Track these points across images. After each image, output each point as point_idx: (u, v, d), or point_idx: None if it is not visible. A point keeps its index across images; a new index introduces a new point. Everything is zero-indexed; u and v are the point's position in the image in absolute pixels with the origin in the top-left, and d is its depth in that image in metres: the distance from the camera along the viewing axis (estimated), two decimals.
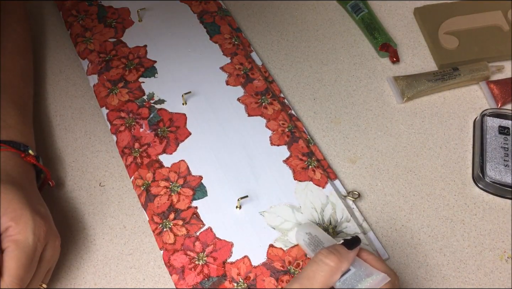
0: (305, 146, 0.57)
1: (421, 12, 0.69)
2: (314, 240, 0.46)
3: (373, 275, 0.40)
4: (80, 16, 0.67)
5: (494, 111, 0.60)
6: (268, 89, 0.61)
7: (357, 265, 0.41)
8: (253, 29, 0.69)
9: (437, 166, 0.58)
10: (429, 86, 0.62)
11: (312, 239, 0.47)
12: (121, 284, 0.51)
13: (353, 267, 0.41)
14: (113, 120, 0.58)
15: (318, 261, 0.40)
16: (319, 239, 0.46)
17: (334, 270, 0.39)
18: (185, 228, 0.52)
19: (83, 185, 0.57)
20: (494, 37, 0.66)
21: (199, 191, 0.54)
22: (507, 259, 0.52)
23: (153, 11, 0.68)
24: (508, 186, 0.55)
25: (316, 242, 0.46)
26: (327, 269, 0.39)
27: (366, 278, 0.40)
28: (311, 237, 0.47)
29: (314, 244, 0.46)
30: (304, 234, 0.48)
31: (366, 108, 0.62)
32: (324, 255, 0.40)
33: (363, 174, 0.57)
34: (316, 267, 0.40)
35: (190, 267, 0.49)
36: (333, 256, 0.40)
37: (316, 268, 0.40)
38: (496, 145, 0.57)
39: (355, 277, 0.40)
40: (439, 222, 0.54)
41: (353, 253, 0.41)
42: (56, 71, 0.65)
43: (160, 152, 0.56)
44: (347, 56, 0.67)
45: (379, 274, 0.40)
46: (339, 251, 0.40)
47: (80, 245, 0.53)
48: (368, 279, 0.40)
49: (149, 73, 0.62)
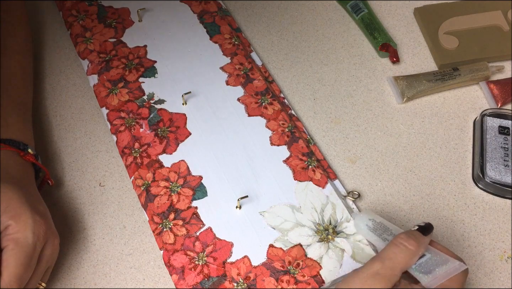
0: (305, 146, 0.57)
1: (421, 12, 0.69)
2: (380, 226, 0.48)
3: (449, 262, 0.42)
4: (80, 16, 0.67)
5: (494, 111, 0.60)
6: (268, 89, 0.61)
7: (432, 252, 0.43)
8: (253, 29, 0.69)
9: (437, 166, 0.58)
10: (429, 86, 0.62)
11: (377, 225, 0.48)
12: (121, 284, 0.51)
13: (428, 252, 0.43)
14: (113, 120, 0.58)
15: (398, 244, 0.42)
16: (385, 225, 0.48)
17: (413, 253, 0.42)
18: (185, 228, 0.52)
19: (83, 185, 0.57)
20: (494, 37, 0.66)
21: (199, 191, 0.54)
22: (507, 259, 0.52)
23: (153, 11, 0.68)
24: (508, 186, 0.55)
25: (382, 227, 0.47)
26: (407, 252, 0.41)
27: (442, 265, 0.41)
28: (376, 223, 0.48)
29: (381, 229, 0.47)
30: (367, 220, 0.49)
31: (366, 108, 0.62)
32: (404, 239, 0.42)
33: (363, 174, 0.57)
34: (397, 249, 0.42)
35: (190, 267, 0.49)
36: (412, 240, 0.42)
37: (397, 250, 0.42)
38: (496, 145, 0.57)
39: (431, 262, 0.42)
40: (439, 222, 0.54)
41: (427, 239, 0.43)
42: (56, 71, 0.65)
43: (160, 152, 0.56)
44: (347, 56, 0.67)
45: (455, 261, 0.42)
46: (416, 236, 0.43)
47: (80, 245, 0.53)
48: (445, 266, 0.41)
49: (149, 73, 0.62)
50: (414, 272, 0.42)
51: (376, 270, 0.40)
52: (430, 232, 0.44)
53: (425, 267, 0.41)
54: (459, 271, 0.41)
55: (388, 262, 0.41)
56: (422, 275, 0.41)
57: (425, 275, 0.41)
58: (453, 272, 0.41)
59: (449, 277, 0.41)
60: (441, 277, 0.41)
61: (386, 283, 0.40)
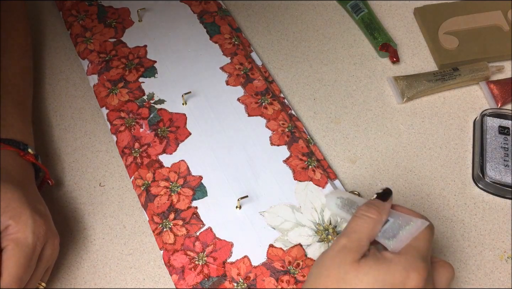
0: (305, 146, 0.57)
1: (421, 12, 0.69)
2: (347, 202, 0.48)
3: (411, 222, 0.42)
4: (80, 16, 0.67)
5: (494, 111, 0.60)
6: (268, 89, 0.61)
7: (394, 216, 0.43)
8: (253, 29, 0.69)
9: (437, 166, 0.58)
10: (429, 87, 0.62)
11: (344, 201, 0.48)
12: (121, 284, 0.51)
13: (391, 217, 0.43)
14: (113, 121, 0.58)
15: (360, 216, 0.42)
16: (352, 200, 0.48)
17: (375, 221, 0.42)
18: (185, 228, 0.52)
19: (83, 185, 0.57)
20: (494, 37, 0.66)
21: (199, 191, 0.54)
22: (507, 259, 0.52)
23: (153, 11, 0.68)
24: (508, 186, 0.55)
25: (349, 203, 0.48)
26: (370, 221, 0.42)
27: (405, 226, 0.41)
28: (343, 200, 0.48)
29: (348, 205, 0.48)
30: (336, 199, 0.49)
31: (366, 108, 0.62)
32: (364, 210, 0.43)
33: (363, 174, 0.57)
34: (360, 221, 0.42)
35: (190, 267, 0.49)
36: (372, 209, 0.42)
37: (360, 221, 0.42)
38: (496, 144, 0.57)
39: (395, 226, 0.42)
40: (439, 222, 0.54)
41: (388, 204, 0.43)
42: (56, 71, 0.65)
43: (160, 152, 0.56)
44: (347, 56, 0.67)
45: (417, 220, 0.42)
46: (376, 204, 0.43)
47: (80, 245, 0.53)
48: (408, 226, 0.41)
49: (149, 73, 0.62)
50: (380, 239, 0.42)
51: (343, 244, 0.41)
52: (388, 196, 0.44)
53: (390, 232, 0.42)
54: (421, 228, 0.41)
55: (354, 234, 0.41)
56: (387, 240, 0.41)
57: (390, 240, 0.41)
58: (417, 231, 0.41)
59: (413, 236, 0.41)
60: (405, 238, 0.41)
61: (355, 254, 0.40)
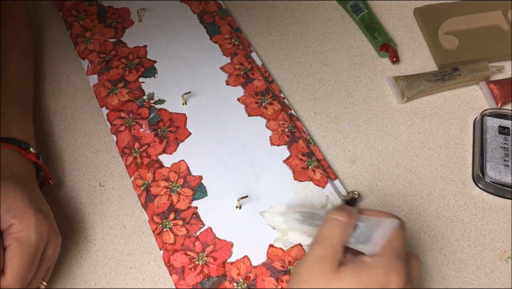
0: (305, 145, 0.57)
1: (421, 12, 0.69)
2: (309, 215, 0.46)
3: (381, 223, 0.41)
4: (80, 16, 0.67)
5: (494, 111, 0.60)
6: (268, 89, 0.61)
7: (363, 220, 0.42)
8: (253, 29, 0.69)
9: (437, 166, 0.58)
10: (429, 87, 0.62)
11: (305, 215, 0.47)
12: (121, 284, 0.51)
13: (360, 222, 0.41)
14: (113, 120, 0.58)
15: (330, 220, 0.41)
16: (313, 212, 0.46)
17: (346, 224, 0.41)
18: (185, 228, 0.52)
19: (83, 185, 0.57)
20: (494, 37, 0.66)
21: (199, 191, 0.54)
22: (507, 259, 0.52)
23: (153, 11, 0.68)
24: (508, 186, 0.55)
25: (311, 215, 0.46)
26: (341, 225, 0.40)
27: (376, 228, 0.40)
28: (304, 213, 0.47)
29: (310, 218, 0.46)
30: (294, 214, 0.48)
31: (366, 108, 0.62)
32: (334, 213, 0.41)
33: (363, 174, 0.57)
34: (330, 226, 0.41)
35: (190, 267, 0.49)
36: (342, 212, 0.41)
37: (330, 226, 0.41)
38: (496, 144, 0.57)
39: (366, 230, 0.41)
40: (439, 222, 0.54)
41: (355, 209, 0.42)
42: (56, 71, 0.65)
43: (160, 152, 0.56)
44: (347, 56, 0.67)
45: (386, 219, 0.41)
46: (344, 208, 0.42)
47: (80, 245, 0.53)
48: (379, 228, 0.40)
49: (149, 73, 0.62)
50: (354, 245, 0.40)
51: (317, 253, 0.39)
52: (355, 203, 0.43)
53: (362, 237, 0.40)
54: (393, 227, 0.40)
55: (326, 241, 0.40)
56: (362, 245, 0.40)
57: (365, 244, 0.40)
58: (389, 231, 0.40)
59: (387, 236, 0.40)
60: (379, 240, 0.39)
61: (331, 262, 0.39)
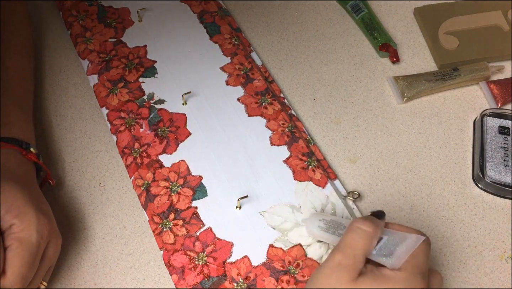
0: (305, 145, 0.57)
1: (421, 12, 0.69)
2: (332, 224, 0.47)
3: (407, 238, 0.40)
4: (80, 16, 0.67)
5: (494, 111, 0.60)
6: (268, 89, 0.61)
7: (388, 233, 0.41)
8: (253, 29, 0.69)
9: (437, 166, 0.58)
10: (429, 87, 0.62)
11: (328, 223, 0.47)
12: (121, 284, 0.51)
13: (385, 235, 0.41)
14: (113, 121, 0.58)
15: (355, 229, 0.40)
16: (336, 221, 0.46)
17: (371, 235, 0.40)
18: (185, 228, 0.52)
19: (83, 185, 0.57)
20: (494, 37, 0.66)
21: (199, 191, 0.54)
22: (507, 259, 0.52)
23: (153, 11, 0.68)
24: (508, 186, 0.55)
25: (335, 224, 0.46)
26: (366, 235, 0.40)
27: (401, 242, 0.40)
28: (327, 222, 0.47)
29: (334, 226, 0.46)
30: (318, 221, 0.48)
31: (366, 108, 0.62)
32: (360, 223, 0.40)
33: (363, 174, 0.57)
34: (355, 235, 0.40)
35: (190, 267, 0.49)
36: (368, 222, 0.40)
37: (355, 235, 0.40)
38: (496, 144, 0.57)
39: (390, 243, 0.40)
40: (439, 222, 0.54)
41: (382, 222, 0.42)
42: (56, 71, 0.65)
43: (160, 152, 0.56)
44: (347, 56, 0.67)
45: (413, 235, 0.41)
46: (371, 218, 0.41)
47: (80, 245, 0.53)
48: (404, 243, 0.40)
49: (149, 73, 0.62)
50: (376, 257, 0.40)
51: (338, 261, 0.39)
52: (382, 217, 0.42)
53: (386, 250, 0.40)
54: (418, 243, 0.40)
55: (349, 249, 0.39)
56: (384, 258, 0.40)
57: (387, 258, 0.40)
58: (413, 246, 0.40)
59: (410, 252, 0.39)
60: (403, 254, 0.39)
61: (351, 272, 0.38)
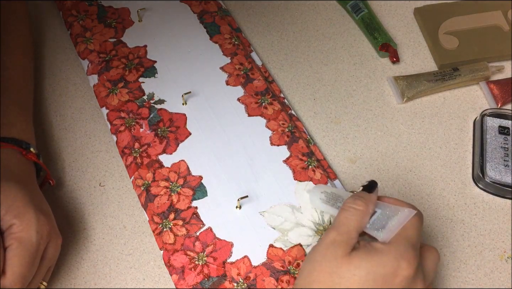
0: (305, 145, 0.57)
1: (421, 12, 0.69)
2: (332, 196, 0.48)
3: (399, 212, 0.42)
4: (80, 16, 0.67)
5: (494, 111, 0.60)
6: (268, 89, 0.61)
7: (381, 207, 0.43)
8: (253, 29, 0.69)
9: (437, 166, 0.58)
10: (429, 87, 0.62)
11: (328, 195, 0.49)
12: (121, 284, 0.51)
13: (378, 208, 0.43)
14: (113, 121, 0.58)
15: (347, 208, 0.42)
16: (336, 194, 0.48)
17: (363, 213, 0.42)
18: (185, 228, 0.52)
19: (83, 185, 0.57)
20: (494, 37, 0.66)
21: (199, 191, 0.54)
22: (507, 259, 0.52)
23: (153, 11, 0.68)
24: (508, 186, 0.55)
25: (334, 197, 0.48)
26: (358, 213, 0.42)
27: (393, 216, 0.42)
28: (327, 194, 0.49)
29: (333, 199, 0.48)
30: (320, 194, 0.49)
31: (366, 108, 0.62)
32: (351, 202, 0.43)
33: (363, 174, 0.57)
34: (347, 213, 0.42)
35: (190, 267, 0.49)
36: (359, 201, 0.43)
37: (347, 214, 0.42)
38: (496, 144, 0.57)
39: (383, 217, 0.42)
40: (439, 222, 0.54)
41: (374, 196, 0.44)
42: (56, 71, 0.65)
43: (160, 152, 0.56)
44: (347, 56, 0.67)
45: (404, 209, 0.42)
46: (362, 196, 0.43)
47: (80, 245, 0.53)
48: (396, 217, 0.42)
49: (149, 73, 0.62)
50: (369, 231, 0.42)
51: (332, 238, 0.41)
52: (374, 188, 0.44)
53: (378, 223, 0.42)
54: (410, 217, 0.41)
55: (342, 227, 0.41)
56: (376, 231, 0.42)
57: (379, 231, 0.41)
58: (404, 220, 0.41)
59: (402, 225, 0.41)
60: (394, 228, 0.41)
61: (345, 247, 0.40)
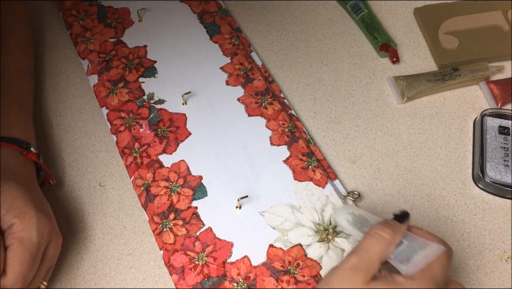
0: (305, 145, 0.57)
1: (421, 12, 0.69)
2: (359, 219, 0.47)
3: (427, 246, 0.40)
4: (80, 16, 0.67)
5: (494, 111, 0.60)
6: (268, 89, 0.61)
7: (410, 238, 0.41)
8: (253, 29, 0.69)
9: (437, 166, 0.58)
10: (429, 87, 0.62)
11: (356, 218, 0.47)
12: (121, 284, 0.51)
13: (406, 240, 0.41)
14: (113, 121, 0.58)
15: (373, 235, 0.41)
16: (364, 217, 0.47)
17: (389, 242, 0.40)
18: (185, 228, 0.52)
19: (83, 185, 0.57)
20: (494, 37, 0.66)
21: (199, 191, 0.54)
22: (507, 259, 0.52)
23: (153, 11, 0.68)
24: (508, 186, 0.55)
25: (361, 220, 0.46)
26: (383, 241, 0.40)
27: (420, 250, 0.40)
28: (355, 216, 0.47)
29: (360, 222, 0.46)
30: (347, 214, 0.48)
31: (366, 108, 0.62)
32: (378, 228, 0.41)
33: (363, 174, 0.57)
34: (372, 240, 0.40)
35: (190, 267, 0.49)
36: (387, 229, 0.41)
37: (372, 241, 0.40)
38: (496, 144, 0.57)
39: (409, 249, 0.40)
40: (439, 222, 0.54)
41: (404, 227, 0.42)
42: (56, 71, 0.65)
43: (160, 152, 0.56)
44: (347, 56, 0.67)
45: (433, 244, 0.40)
46: (391, 224, 0.41)
47: (80, 245, 0.53)
48: (423, 251, 0.40)
49: (149, 73, 0.62)
50: (393, 262, 0.40)
51: (353, 263, 0.39)
52: (406, 219, 0.42)
53: (403, 255, 0.40)
54: (438, 254, 0.40)
55: (365, 254, 0.40)
56: (400, 264, 0.40)
57: (403, 264, 0.40)
58: (432, 256, 0.39)
59: (428, 261, 0.39)
60: (419, 263, 0.39)
61: (365, 275, 0.39)
